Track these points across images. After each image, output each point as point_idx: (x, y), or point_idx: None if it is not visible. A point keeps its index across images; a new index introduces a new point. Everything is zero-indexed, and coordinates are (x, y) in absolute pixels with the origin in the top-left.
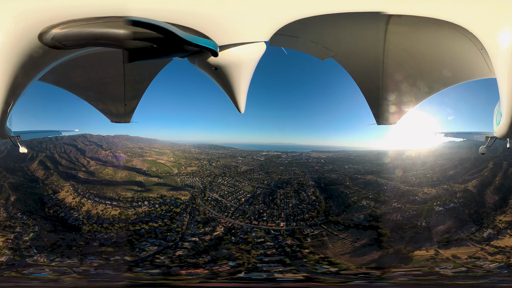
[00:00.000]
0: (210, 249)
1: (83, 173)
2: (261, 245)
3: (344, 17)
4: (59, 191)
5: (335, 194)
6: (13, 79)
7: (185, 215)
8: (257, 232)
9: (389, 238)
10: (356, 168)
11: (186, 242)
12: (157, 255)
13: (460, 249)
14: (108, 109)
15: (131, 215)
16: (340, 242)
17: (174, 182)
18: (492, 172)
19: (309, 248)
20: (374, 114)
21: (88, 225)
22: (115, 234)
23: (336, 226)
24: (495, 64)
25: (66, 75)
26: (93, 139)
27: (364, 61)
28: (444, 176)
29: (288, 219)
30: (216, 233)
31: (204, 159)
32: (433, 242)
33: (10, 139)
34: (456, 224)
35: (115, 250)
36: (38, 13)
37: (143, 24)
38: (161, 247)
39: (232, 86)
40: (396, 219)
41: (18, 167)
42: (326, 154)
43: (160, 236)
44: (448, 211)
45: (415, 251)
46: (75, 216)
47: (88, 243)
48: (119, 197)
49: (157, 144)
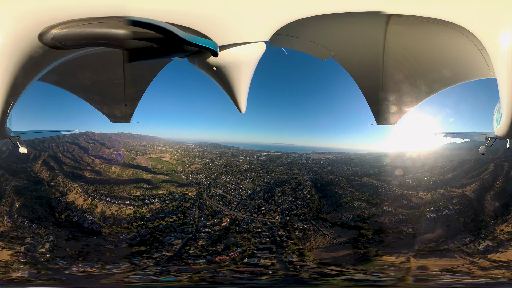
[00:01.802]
0: (221, 238)
1: (90, 173)
2: (258, 234)
3: (344, 17)
4: (67, 193)
5: (329, 194)
6: (13, 79)
7: (195, 209)
8: (256, 223)
9: (367, 240)
10: (354, 170)
11: (201, 233)
12: (186, 247)
13: (441, 261)
14: (108, 109)
15: (146, 213)
16: (321, 238)
17: (180, 179)
18: (492, 175)
19: (294, 239)
20: (374, 114)
21: (107, 227)
22: (136, 232)
23: (323, 223)
24: (495, 64)
25: (66, 75)
26: (95, 137)
27: (364, 61)
28: (442, 180)
29: (283, 213)
30: (224, 224)
31: (207, 158)
32: (412, 249)
33: (10, 139)
34: (448, 233)
35: (148, 248)
36: (38, 13)
37: (143, 24)
38: (184, 239)
39: (232, 86)
40: (383, 222)
41: (20, 168)
42: (326, 155)
43: (178, 229)
44: (441, 218)
45: (384, 256)
46: (90, 219)
47: (117, 246)
48: (130, 195)
49: (159, 142)
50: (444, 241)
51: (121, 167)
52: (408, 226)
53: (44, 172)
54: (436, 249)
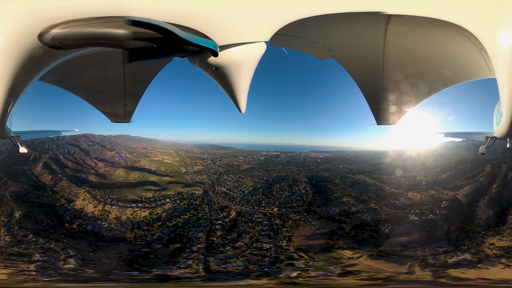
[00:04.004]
0: (232, 227)
1: (94, 176)
2: (260, 223)
3: (344, 17)
4: (73, 199)
5: (323, 189)
6: (13, 79)
7: (204, 205)
8: (258, 214)
9: (343, 233)
10: (350, 168)
11: (216, 225)
12: (210, 238)
13: (387, 265)
14: (108, 109)
15: (161, 213)
16: (308, 227)
17: (185, 180)
18: (488, 178)
19: (287, 227)
20: (374, 114)
21: (129, 232)
22: (160, 232)
23: (313, 215)
24: (495, 64)
25: (66, 75)
26: (95, 139)
27: (364, 61)
28: (435, 180)
29: (280, 206)
30: (232, 216)
31: (208, 159)
32: (375, 249)
33: (10, 139)
34: (423, 240)
35: (182, 245)
36: (38, 13)
37: (143, 24)
38: (205, 232)
39: (233, 86)
40: (364, 219)
41: (20, 170)
42: (324, 154)
43: (195, 224)
44: (423, 223)
45: (345, 250)
46: (106, 226)
47: (151, 247)
48: (141, 198)
49: (159, 144)
50: (414, 247)
51: (126, 170)
52: (387, 226)
53: (45, 175)
54: (398, 253)
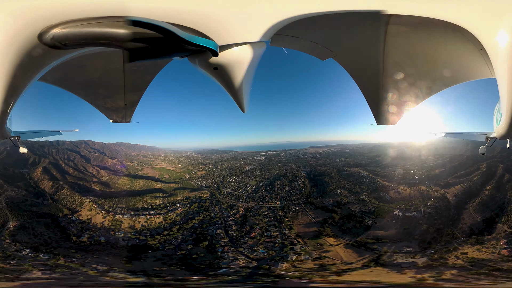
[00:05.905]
0: (244, 222)
1: (98, 185)
2: (266, 216)
3: (344, 17)
4: (78, 209)
5: (320, 183)
6: (13, 79)
7: (214, 206)
8: (263, 208)
9: (332, 222)
10: (346, 161)
11: (229, 221)
12: (229, 232)
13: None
14: (108, 108)
15: (175, 218)
16: (305, 216)
17: (190, 185)
18: (483, 178)
19: (288, 217)
20: (374, 114)
21: (150, 239)
22: (181, 235)
23: (310, 206)
24: (495, 64)
25: (66, 75)
26: (95, 146)
27: (364, 61)
28: (428, 175)
29: (282, 200)
30: (241, 212)
31: (210, 164)
32: (352, 239)
33: (10, 139)
34: (395, 236)
35: (209, 242)
36: (38, 13)
37: (143, 24)
38: (222, 228)
39: (233, 86)
40: (353, 210)
41: (18, 173)
42: (322, 149)
43: (211, 223)
44: (404, 219)
45: (331, 238)
46: (122, 236)
47: (181, 248)
48: (151, 205)
49: (159, 152)
50: (384, 242)
51: (130, 178)
52: (371, 218)
53: (45, 182)
54: (368, 245)
